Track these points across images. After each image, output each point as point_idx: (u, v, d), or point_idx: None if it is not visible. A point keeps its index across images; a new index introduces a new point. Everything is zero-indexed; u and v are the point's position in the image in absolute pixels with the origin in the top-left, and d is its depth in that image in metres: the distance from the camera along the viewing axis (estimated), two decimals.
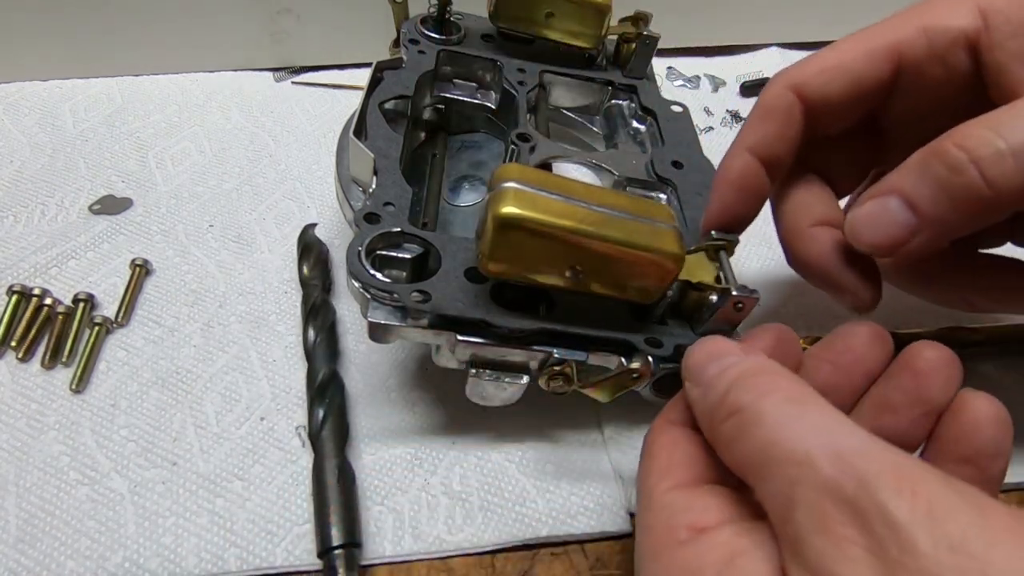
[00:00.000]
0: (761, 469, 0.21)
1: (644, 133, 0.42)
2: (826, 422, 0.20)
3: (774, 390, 0.22)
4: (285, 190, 0.47)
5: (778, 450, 0.20)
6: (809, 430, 0.20)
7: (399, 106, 0.38)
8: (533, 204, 0.26)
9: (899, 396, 0.25)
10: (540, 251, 0.26)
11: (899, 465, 0.18)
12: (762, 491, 0.21)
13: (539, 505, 0.32)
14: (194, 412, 0.35)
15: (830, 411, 0.21)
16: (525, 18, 0.42)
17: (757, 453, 0.21)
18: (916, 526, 0.17)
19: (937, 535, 0.17)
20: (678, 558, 0.22)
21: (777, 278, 0.44)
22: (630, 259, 0.27)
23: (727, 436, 0.22)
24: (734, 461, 0.22)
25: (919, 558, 0.16)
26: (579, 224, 0.26)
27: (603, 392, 0.30)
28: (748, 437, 0.21)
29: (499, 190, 0.26)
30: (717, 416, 0.23)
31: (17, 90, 0.53)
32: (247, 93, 0.55)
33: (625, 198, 0.28)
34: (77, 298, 0.38)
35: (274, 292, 0.41)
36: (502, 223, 0.25)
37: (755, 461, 0.21)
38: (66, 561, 0.30)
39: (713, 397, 0.23)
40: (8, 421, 0.34)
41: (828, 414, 0.21)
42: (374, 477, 0.33)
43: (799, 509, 0.19)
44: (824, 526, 0.18)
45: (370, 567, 0.31)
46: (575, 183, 0.28)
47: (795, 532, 0.19)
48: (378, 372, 0.37)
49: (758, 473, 0.21)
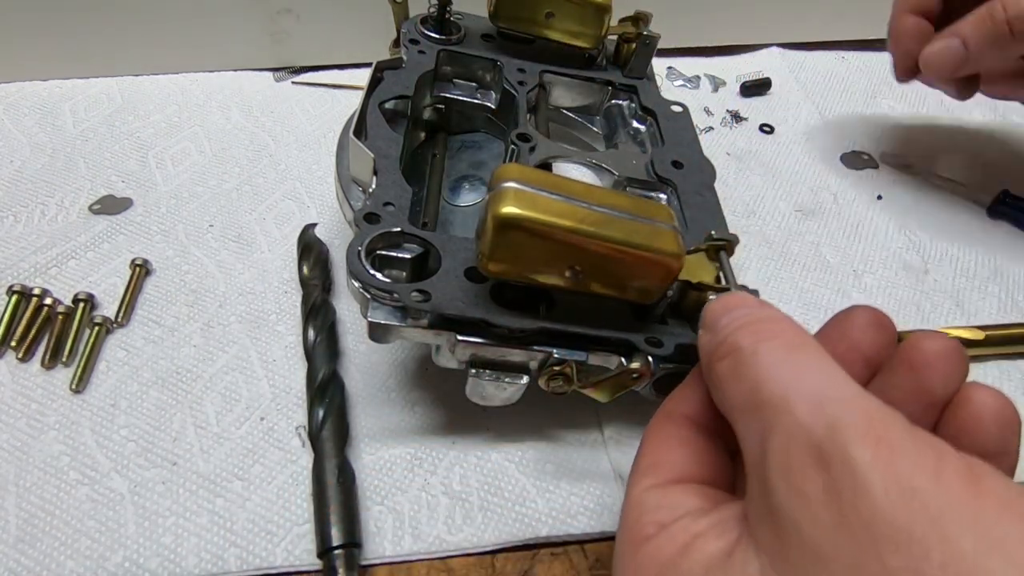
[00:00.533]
0: (744, 411, 0.21)
1: (644, 133, 0.42)
2: (814, 368, 0.21)
3: (774, 336, 0.22)
4: (285, 190, 0.47)
5: (763, 392, 0.21)
6: (795, 375, 0.20)
7: (399, 106, 0.38)
8: (533, 204, 0.26)
9: (898, 390, 0.24)
10: (540, 251, 0.26)
11: (870, 413, 0.19)
12: (741, 434, 0.21)
13: (539, 505, 0.32)
14: (194, 412, 0.35)
15: (823, 359, 0.21)
16: (525, 18, 0.42)
17: (745, 394, 0.21)
18: (873, 471, 0.17)
19: (890, 480, 0.17)
20: (642, 552, 0.22)
21: (777, 278, 0.44)
22: (630, 259, 0.27)
23: (721, 375, 0.23)
24: (724, 403, 0.23)
25: (870, 499, 0.17)
26: (579, 224, 0.26)
27: (603, 392, 0.30)
28: (739, 377, 0.22)
29: (499, 190, 0.26)
30: (716, 355, 0.23)
31: (17, 90, 0.53)
32: (247, 93, 0.55)
33: (625, 198, 0.28)
34: (77, 298, 0.38)
35: (274, 292, 0.41)
36: (502, 223, 0.25)
37: (741, 403, 0.22)
38: (66, 561, 0.30)
39: (717, 339, 0.24)
40: (8, 421, 0.34)
41: (819, 361, 0.21)
42: (374, 477, 0.33)
43: (769, 452, 0.19)
44: (788, 468, 0.18)
45: (370, 567, 0.31)
46: (575, 183, 0.28)
47: (763, 475, 0.19)
48: (378, 372, 0.37)
49: (742, 415, 0.21)
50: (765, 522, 0.19)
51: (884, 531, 0.16)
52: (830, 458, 0.18)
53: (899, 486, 0.17)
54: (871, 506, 0.17)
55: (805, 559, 0.18)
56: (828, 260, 0.45)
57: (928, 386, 0.24)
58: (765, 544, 0.19)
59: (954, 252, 0.46)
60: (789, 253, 0.46)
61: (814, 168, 0.52)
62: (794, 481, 0.18)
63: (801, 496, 0.18)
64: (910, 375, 0.24)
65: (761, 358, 0.21)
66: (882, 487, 0.17)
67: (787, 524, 0.18)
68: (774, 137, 0.55)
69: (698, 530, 0.21)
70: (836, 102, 0.59)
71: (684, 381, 0.27)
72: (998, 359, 0.40)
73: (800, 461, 0.18)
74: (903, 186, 0.51)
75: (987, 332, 0.40)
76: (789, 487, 0.18)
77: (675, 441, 0.25)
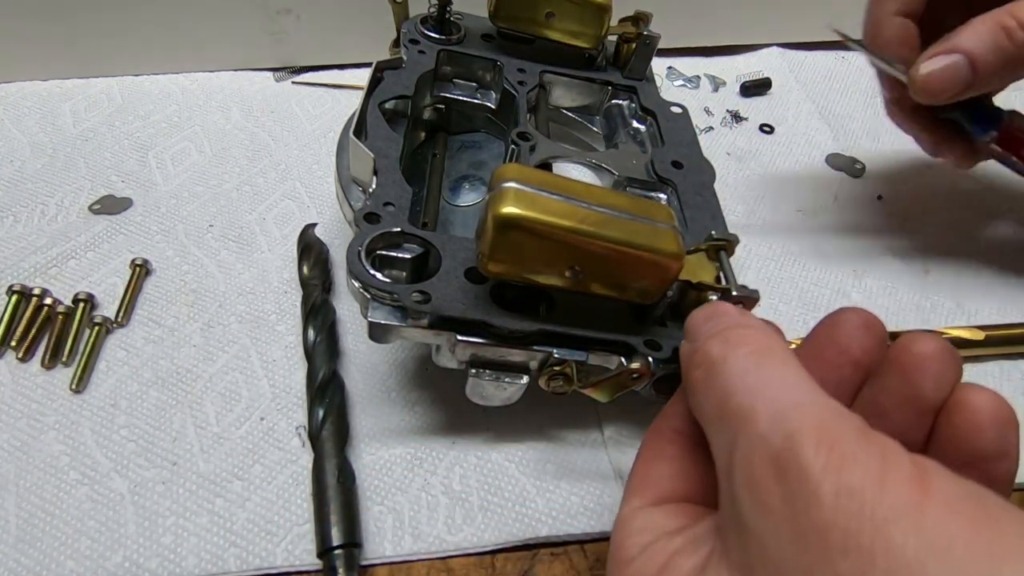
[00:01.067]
0: (714, 421, 0.21)
1: (644, 133, 0.42)
2: (778, 377, 0.21)
3: (743, 343, 0.22)
4: (285, 190, 0.47)
5: (731, 403, 0.21)
6: (761, 384, 0.20)
7: (399, 106, 0.38)
8: (533, 204, 0.26)
9: (887, 397, 0.24)
10: (540, 251, 0.26)
11: (824, 419, 0.19)
12: (713, 444, 0.21)
13: (539, 505, 0.32)
14: (194, 412, 0.35)
15: (788, 365, 0.21)
16: (525, 18, 0.42)
17: (715, 404, 0.22)
18: (824, 479, 0.17)
19: (840, 487, 0.17)
20: (626, 574, 0.22)
21: (777, 278, 0.44)
22: (630, 259, 0.27)
23: (695, 384, 0.23)
24: (698, 413, 0.23)
25: (821, 507, 0.17)
26: (579, 224, 0.26)
27: (603, 392, 0.30)
28: (711, 387, 0.22)
29: (499, 190, 0.26)
30: (691, 364, 0.24)
31: (17, 90, 0.53)
32: (247, 93, 0.55)
33: (625, 198, 0.28)
34: (77, 298, 0.38)
35: (274, 292, 0.41)
36: (502, 223, 0.25)
37: (711, 413, 0.22)
38: (66, 561, 0.30)
39: (693, 348, 0.24)
40: (8, 421, 0.34)
41: (784, 369, 0.21)
42: (374, 477, 0.33)
43: (735, 464, 0.20)
44: (752, 480, 0.19)
45: (370, 567, 0.31)
46: (575, 183, 0.28)
47: (730, 488, 0.20)
48: (378, 372, 0.37)
49: (712, 425, 0.22)
50: (733, 534, 0.19)
51: (835, 539, 0.16)
52: (787, 468, 0.18)
53: (847, 493, 0.17)
54: (822, 515, 0.17)
55: (768, 571, 0.18)
56: (828, 261, 0.45)
57: (919, 390, 0.23)
58: (734, 557, 0.19)
59: (954, 252, 0.46)
60: (789, 253, 0.45)
61: (814, 168, 0.52)
62: (757, 493, 0.18)
63: (763, 508, 0.18)
64: (900, 379, 0.23)
65: (729, 366, 0.22)
66: (832, 495, 0.17)
67: (752, 537, 0.18)
68: (774, 137, 0.55)
69: (674, 548, 0.22)
70: (836, 102, 0.59)
71: (675, 394, 0.27)
72: (998, 359, 0.40)
73: (761, 472, 0.18)
74: (903, 186, 0.51)
75: (987, 332, 0.40)
76: (753, 499, 0.19)
77: (663, 459, 0.25)
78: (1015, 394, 0.39)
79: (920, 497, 0.17)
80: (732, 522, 0.20)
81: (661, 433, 0.26)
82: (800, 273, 0.44)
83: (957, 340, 0.39)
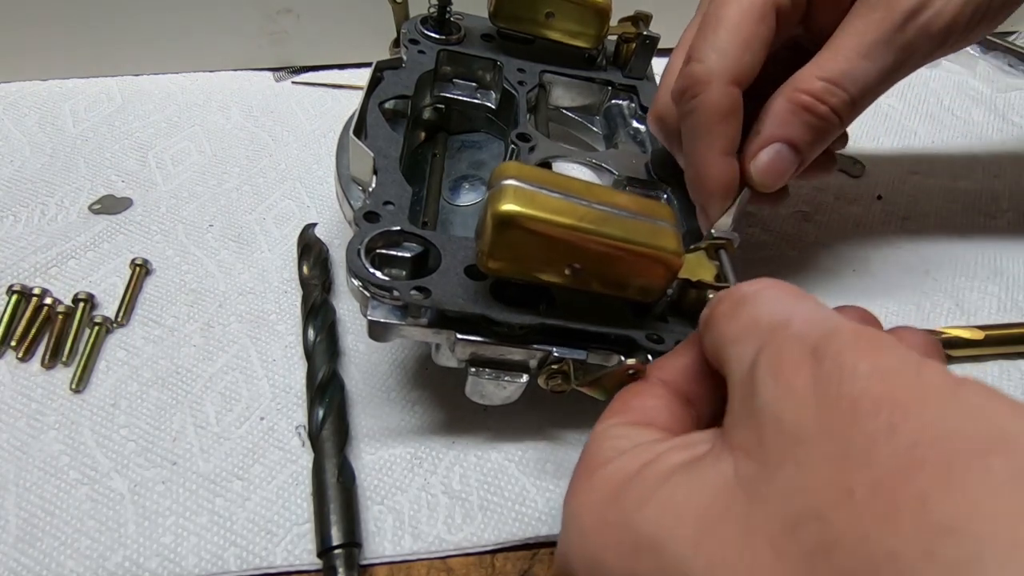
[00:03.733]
0: (738, 340, 0.21)
1: (644, 133, 0.42)
2: (816, 308, 0.21)
3: (777, 285, 0.23)
4: (285, 190, 0.47)
5: (762, 320, 0.21)
6: (791, 306, 0.21)
7: (399, 106, 0.38)
8: (532, 201, 0.26)
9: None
10: (540, 248, 0.26)
11: (863, 329, 0.19)
12: (731, 361, 0.21)
13: (539, 504, 0.32)
14: (194, 412, 0.35)
15: (820, 304, 0.21)
16: (525, 18, 0.42)
17: (741, 327, 0.21)
18: (861, 361, 0.17)
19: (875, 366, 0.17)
20: (597, 475, 0.22)
21: (777, 278, 0.44)
22: (630, 257, 0.27)
23: (717, 317, 0.23)
24: (716, 340, 0.23)
25: (855, 381, 0.17)
26: (579, 221, 0.26)
27: (602, 390, 0.30)
28: (738, 315, 0.22)
29: (498, 188, 0.26)
30: (715, 301, 0.24)
31: (17, 90, 0.53)
32: (247, 93, 0.55)
33: (625, 196, 0.28)
34: (77, 298, 0.38)
35: (274, 292, 0.41)
36: (501, 220, 0.25)
37: (735, 335, 0.22)
38: (66, 561, 0.30)
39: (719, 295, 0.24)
40: (8, 421, 0.34)
41: (815, 301, 0.21)
42: (374, 477, 0.33)
43: (761, 360, 0.19)
44: (779, 368, 0.19)
45: (370, 567, 0.31)
46: (575, 181, 0.28)
47: (749, 383, 0.19)
48: (378, 372, 0.37)
49: (734, 345, 0.21)
50: (742, 425, 0.19)
51: (864, 405, 0.16)
52: (823, 355, 0.18)
53: (883, 372, 0.17)
54: (855, 386, 0.17)
55: (783, 443, 0.17)
56: (828, 260, 0.45)
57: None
58: (739, 442, 0.19)
59: (954, 252, 0.46)
60: (789, 253, 0.46)
61: None
62: (783, 377, 0.18)
63: (788, 389, 0.18)
64: None
65: (763, 299, 0.22)
66: (867, 372, 0.17)
67: (767, 417, 0.18)
68: None
69: (662, 449, 0.21)
70: None
71: (666, 354, 0.27)
72: (998, 359, 0.40)
73: (792, 360, 0.18)
74: (903, 186, 0.51)
75: (987, 332, 0.40)
76: (777, 383, 0.18)
77: (647, 394, 0.25)
78: (1015, 394, 0.39)
79: (955, 384, 0.17)
80: (744, 414, 0.19)
81: (647, 379, 0.26)
82: (800, 273, 0.44)
83: (957, 340, 0.39)
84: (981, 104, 0.58)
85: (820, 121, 0.32)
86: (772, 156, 0.32)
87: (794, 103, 0.31)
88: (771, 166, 0.33)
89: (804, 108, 0.31)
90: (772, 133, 0.32)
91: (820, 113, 0.31)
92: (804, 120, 0.32)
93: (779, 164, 0.33)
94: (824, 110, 0.31)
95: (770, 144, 0.32)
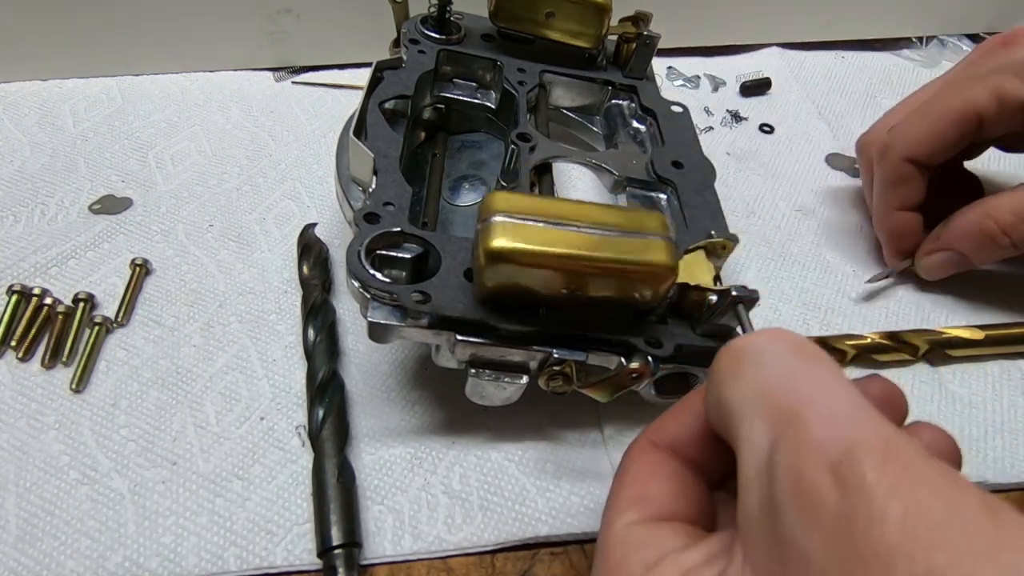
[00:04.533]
0: (746, 416, 0.20)
1: (644, 133, 0.42)
2: (827, 383, 0.20)
3: (782, 339, 0.21)
4: (285, 190, 0.47)
5: (769, 398, 0.20)
6: (807, 387, 0.20)
7: (399, 106, 0.38)
8: (522, 235, 0.26)
9: None
10: (534, 278, 0.27)
11: (889, 440, 0.18)
12: (741, 439, 0.20)
13: (539, 504, 0.32)
14: (194, 412, 0.35)
15: (831, 369, 0.20)
16: (525, 18, 0.42)
17: (748, 395, 0.20)
18: (891, 498, 0.16)
19: (909, 509, 0.16)
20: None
21: (777, 278, 0.44)
22: (623, 275, 0.27)
23: (722, 374, 0.22)
24: (721, 403, 0.22)
25: (886, 528, 0.16)
26: (569, 249, 0.26)
27: (603, 392, 0.30)
28: (742, 376, 0.21)
29: (488, 224, 0.26)
30: (721, 354, 0.22)
31: (17, 90, 0.53)
32: (247, 93, 0.55)
33: (615, 213, 0.29)
34: (77, 298, 0.38)
35: (274, 292, 0.41)
36: (493, 256, 0.26)
37: (743, 404, 0.20)
38: (66, 561, 0.30)
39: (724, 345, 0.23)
40: (8, 421, 0.34)
41: (829, 372, 0.20)
42: (374, 477, 0.33)
43: (778, 469, 0.18)
44: (800, 490, 0.18)
45: (370, 567, 0.31)
46: (563, 203, 0.28)
47: (768, 493, 0.18)
48: (378, 372, 0.37)
49: (742, 419, 0.20)
50: (766, 545, 0.18)
51: (901, 563, 0.15)
52: (846, 482, 0.17)
53: (917, 516, 0.16)
54: (886, 536, 0.16)
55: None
56: (828, 260, 0.45)
57: None
58: (763, 569, 0.18)
59: None
60: (789, 253, 0.46)
61: (814, 168, 0.52)
62: (806, 505, 0.17)
63: (812, 521, 0.17)
64: None
65: (767, 358, 0.21)
66: (900, 516, 0.16)
67: (793, 551, 0.17)
68: (774, 137, 0.55)
69: (688, 565, 0.20)
70: (836, 102, 0.59)
71: (670, 409, 0.26)
72: (998, 359, 0.40)
73: (813, 483, 0.17)
74: None
75: (987, 332, 0.40)
76: (800, 510, 0.17)
77: (662, 474, 0.24)
78: (1015, 394, 0.39)
79: (994, 525, 0.16)
80: (766, 532, 0.18)
81: (656, 447, 0.25)
82: (800, 273, 0.44)
83: (957, 340, 0.39)
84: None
85: (997, 248, 0.38)
86: (942, 260, 0.40)
87: (980, 229, 0.38)
88: (938, 267, 0.41)
89: (987, 235, 0.38)
90: (951, 242, 0.40)
91: (1001, 243, 0.38)
92: (983, 244, 0.38)
93: (946, 267, 0.41)
94: (1006, 241, 0.37)
95: (945, 251, 0.40)
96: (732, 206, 0.48)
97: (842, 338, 0.39)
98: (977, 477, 0.35)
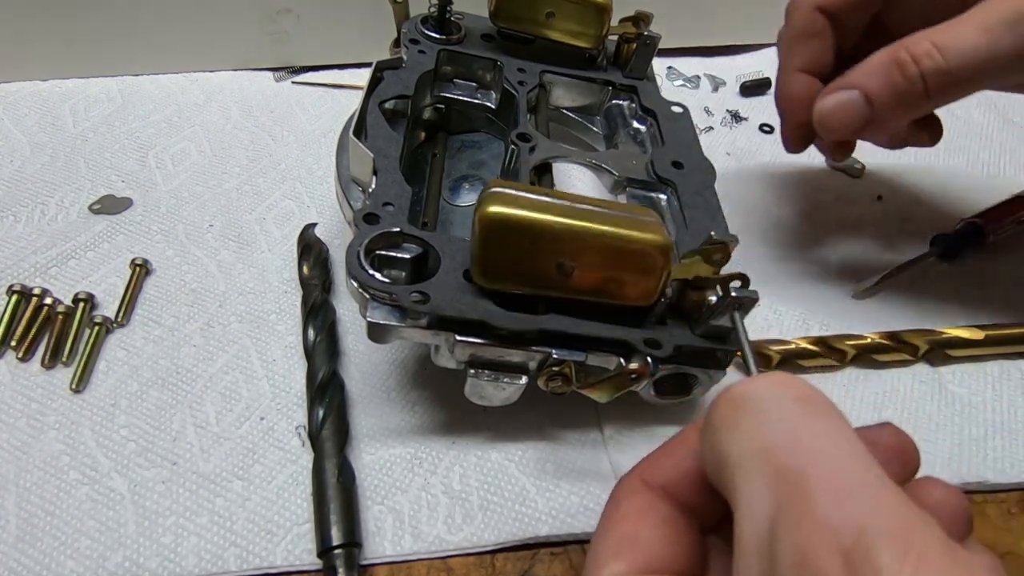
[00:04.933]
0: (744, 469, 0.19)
1: (644, 133, 0.42)
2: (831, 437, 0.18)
3: (784, 386, 0.20)
4: (285, 190, 0.47)
5: (771, 456, 0.18)
6: (813, 446, 0.18)
7: (399, 106, 0.38)
8: (516, 202, 0.27)
9: None
10: (528, 247, 0.27)
11: (906, 520, 0.16)
12: (738, 495, 0.19)
13: (539, 504, 0.32)
14: (194, 412, 0.35)
15: (838, 422, 0.18)
16: (525, 18, 0.42)
17: (746, 451, 0.19)
18: None
19: None
20: None
21: (777, 278, 0.44)
22: (616, 248, 0.27)
23: (720, 420, 0.20)
24: (716, 451, 0.20)
25: None
26: (561, 216, 0.27)
27: (602, 392, 0.30)
28: (742, 428, 0.19)
29: (484, 195, 0.27)
30: (718, 401, 0.21)
31: (17, 90, 0.53)
32: (247, 93, 0.55)
33: (607, 201, 0.29)
34: (77, 298, 0.38)
35: (274, 292, 0.41)
36: (488, 222, 0.26)
37: (740, 456, 0.19)
38: (66, 561, 0.30)
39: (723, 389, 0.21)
40: (8, 421, 0.34)
41: (835, 426, 0.18)
42: (374, 477, 0.33)
43: (782, 544, 0.17)
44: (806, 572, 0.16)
45: (370, 567, 0.31)
46: (558, 191, 0.29)
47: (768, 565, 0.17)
48: (378, 372, 0.37)
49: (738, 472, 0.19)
50: None
51: None
52: (858, 570, 0.15)
53: None
54: None
55: None
56: (828, 260, 0.45)
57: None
58: None
59: None
60: (789, 253, 0.45)
61: (814, 168, 0.52)
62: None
63: None
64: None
65: (769, 407, 0.19)
66: None
67: None
68: (774, 137, 0.55)
69: None
70: None
71: (665, 445, 0.24)
72: (998, 359, 0.40)
73: (821, 568, 0.16)
74: (903, 186, 0.51)
75: (987, 332, 0.40)
76: None
77: (654, 518, 0.22)
78: (1015, 394, 0.39)
79: None
80: None
81: (648, 487, 0.23)
82: (800, 273, 0.44)
83: (957, 340, 0.39)
84: (981, 104, 0.58)
85: (905, 82, 0.30)
86: (841, 100, 0.32)
87: (890, 56, 0.31)
88: (835, 110, 0.32)
89: (896, 63, 0.31)
90: (853, 79, 0.32)
91: (908, 74, 0.30)
92: (890, 76, 0.31)
93: (844, 111, 0.32)
94: (914, 72, 0.30)
95: (846, 89, 0.32)
96: (732, 206, 0.48)
97: (842, 338, 0.39)
98: (977, 477, 0.35)
